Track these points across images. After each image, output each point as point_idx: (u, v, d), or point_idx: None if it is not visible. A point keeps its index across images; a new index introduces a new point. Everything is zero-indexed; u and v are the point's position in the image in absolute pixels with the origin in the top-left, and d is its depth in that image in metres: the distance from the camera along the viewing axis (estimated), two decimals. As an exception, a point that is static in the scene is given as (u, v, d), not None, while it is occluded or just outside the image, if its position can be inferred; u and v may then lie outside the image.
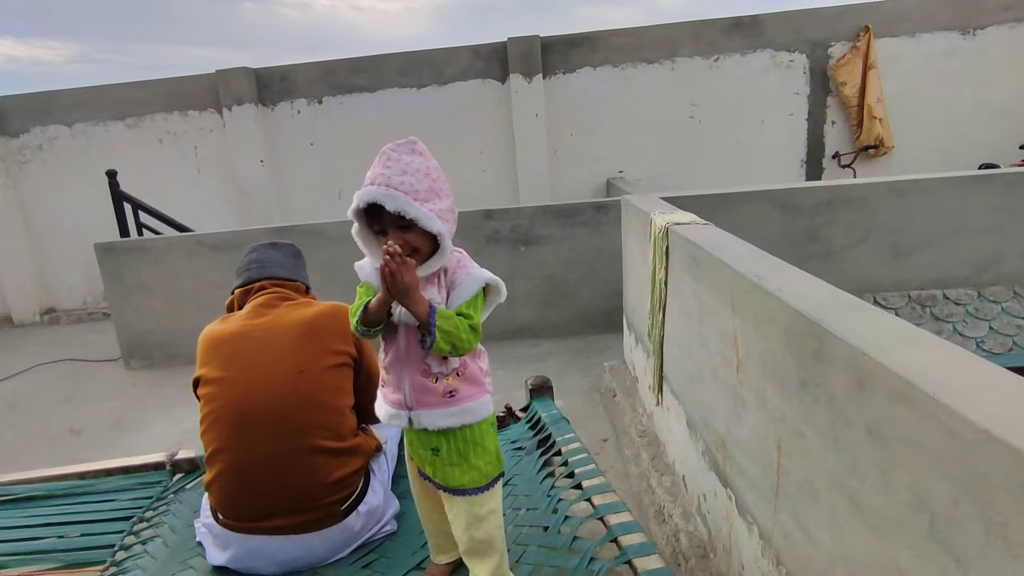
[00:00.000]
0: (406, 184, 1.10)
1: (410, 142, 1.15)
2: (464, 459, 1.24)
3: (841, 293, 1.20)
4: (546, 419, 1.83)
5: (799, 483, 1.17)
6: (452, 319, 1.14)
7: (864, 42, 5.08)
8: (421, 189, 1.11)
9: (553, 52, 5.50)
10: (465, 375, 1.24)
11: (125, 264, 4.01)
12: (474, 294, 1.19)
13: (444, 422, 1.21)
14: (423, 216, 1.10)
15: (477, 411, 1.24)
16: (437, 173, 1.16)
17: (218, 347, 1.56)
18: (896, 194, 2.81)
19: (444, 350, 1.14)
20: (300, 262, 1.79)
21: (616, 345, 3.72)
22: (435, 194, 1.14)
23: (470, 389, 1.25)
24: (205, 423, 1.50)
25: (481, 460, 1.25)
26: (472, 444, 1.24)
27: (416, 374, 1.21)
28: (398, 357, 1.23)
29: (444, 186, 1.17)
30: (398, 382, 1.24)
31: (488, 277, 1.21)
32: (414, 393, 1.22)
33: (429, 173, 1.14)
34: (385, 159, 1.13)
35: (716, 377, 1.64)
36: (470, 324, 1.17)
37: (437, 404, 1.21)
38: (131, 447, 3.08)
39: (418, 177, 1.12)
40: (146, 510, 1.71)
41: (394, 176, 1.10)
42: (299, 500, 1.46)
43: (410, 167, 1.12)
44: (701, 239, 1.80)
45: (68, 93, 5.69)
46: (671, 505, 2.05)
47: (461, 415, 1.22)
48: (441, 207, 1.14)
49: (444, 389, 1.21)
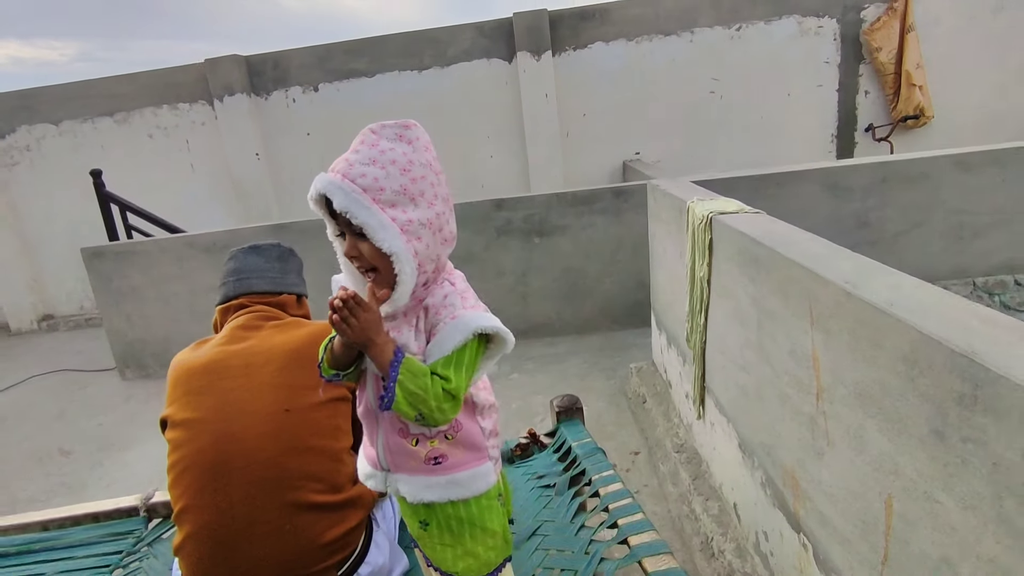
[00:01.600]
0: (367, 177, 0.83)
1: (401, 125, 0.87)
2: (458, 541, 0.98)
3: (980, 308, 0.91)
4: (577, 450, 1.56)
5: (928, 560, 0.89)
6: (421, 377, 0.86)
7: (902, 2, 4.67)
8: (388, 188, 0.83)
9: (562, 26, 5.14)
10: (457, 439, 0.96)
11: (115, 269, 3.77)
12: (457, 346, 0.88)
13: (425, 494, 0.95)
14: (375, 224, 0.81)
15: (470, 484, 0.97)
16: (423, 171, 0.86)
17: (187, 381, 1.30)
18: (962, 168, 2.48)
19: (407, 415, 0.87)
20: (290, 265, 1.51)
21: (641, 342, 3.43)
22: (409, 198, 0.84)
23: (463, 456, 0.97)
24: (172, 474, 1.25)
25: (480, 545, 0.99)
26: (468, 524, 0.98)
27: (392, 433, 0.95)
28: (369, 410, 0.99)
29: (429, 191, 0.87)
30: (372, 437, 1.00)
31: (482, 325, 0.89)
32: (389, 455, 0.97)
33: (409, 169, 0.85)
34: (359, 141, 0.86)
35: (783, 400, 1.36)
36: (445, 388, 0.87)
37: (417, 470, 0.95)
38: (122, 468, 2.87)
39: (390, 171, 0.84)
40: (114, 568, 1.47)
41: (357, 164, 0.84)
42: (286, 567, 1.20)
43: (383, 156, 0.84)
44: (758, 232, 1.50)
45: (53, 89, 5.43)
46: (721, 538, 1.78)
47: (448, 488, 0.95)
48: (412, 217, 0.84)
49: (427, 454, 0.95)
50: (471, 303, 0.93)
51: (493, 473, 1.01)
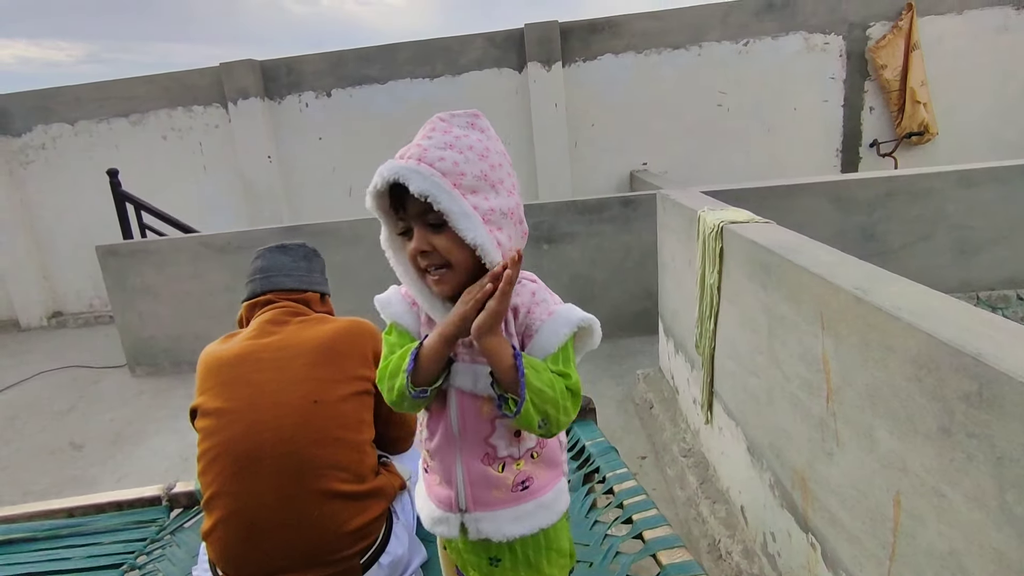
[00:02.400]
0: (446, 161, 0.75)
1: (470, 114, 0.81)
2: (536, 570, 0.91)
3: (984, 313, 0.96)
4: (591, 449, 1.60)
5: (935, 554, 0.93)
6: (544, 372, 0.78)
7: (907, 21, 4.76)
8: (468, 173, 0.76)
9: (573, 38, 5.22)
10: (542, 456, 0.90)
11: (128, 267, 3.83)
12: (563, 342, 0.81)
13: (514, 529, 0.86)
14: (457, 210, 0.74)
15: (555, 505, 0.90)
16: (500, 158, 0.81)
17: (218, 372, 1.35)
18: (966, 184, 2.54)
19: (532, 422, 0.77)
20: (315, 265, 1.56)
21: (648, 350, 3.48)
22: (490, 185, 0.78)
23: (547, 474, 0.90)
24: (203, 462, 1.29)
25: (555, 567, 0.93)
26: (546, 550, 0.91)
27: (475, 460, 0.86)
28: (449, 438, 0.87)
29: (507, 180, 0.81)
30: (447, 473, 0.89)
31: (582, 317, 0.84)
32: (471, 488, 0.86)
33: (487, 156, 0.79)
34: (429, 128, 0.80)
35: (794, 403, 1.41)
36: (567, 386, 0.80)
37: (503, 502, 0.86)
38: (134, 463, 2.91)
39: (468, 156, 0.77)
40: (138, 555, 1.51)
41: (433, 149, 0.76)
42: (312, 554, 1.24)
43: (460, 142, 0.78)
44: (769, 241, 1.56)
45: (70, 90, 5.51)
46: (728, 540, 1.82)
47: (537, 515, 0.88)
48: (493, 205, 0.77)
49: (515, 479, 0.87)
50: (557, 298, 0.88)
51: (567, 489, 0.95)
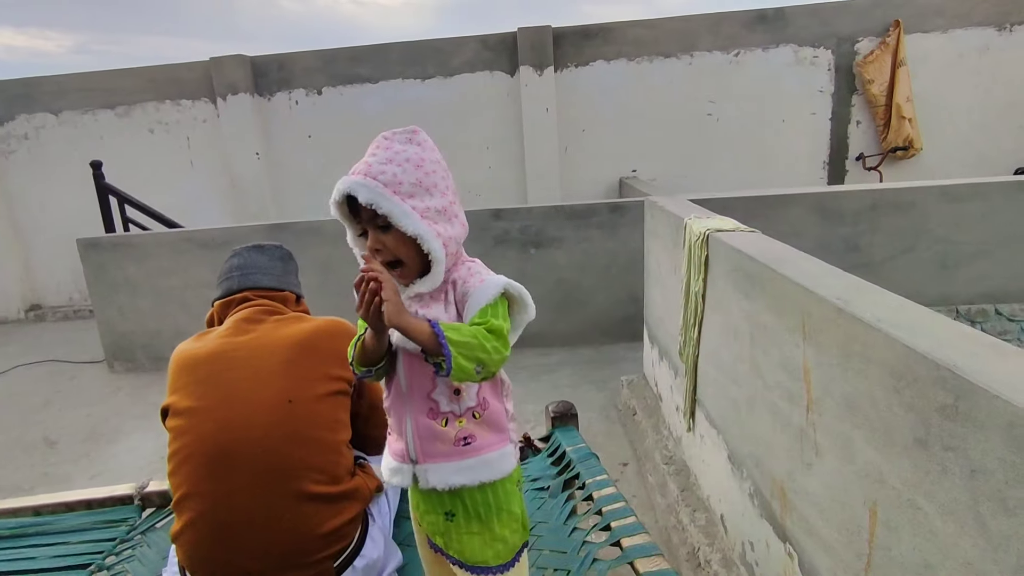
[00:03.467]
0: (387, 174, 0.92)
1: (409, 131, 0.98)
2: (486, 527, 1.01)
3: (962, 326, 0.96)
4: (572, 454, 1.59)
5: (909, 566, 0.93)
6: (464, 328, 0.91)
7: (894, 38, 4.83)
8: (405, 181, 0.93)
9: (565, 44, 5.24)
10: (484, 417, 1.01)
11: (110, 261, 3.76)
12: (490, 301, 0.95)
13: (456, 478, 0.98)
14: (398, 211, 0.90)
15: (498, 464, 1.01)
16: (434, 166, 0.97)
17: (191, 370, 1.32)
18: (948, 199, 2.57)
19: (468, 370, 0.89)
20: (290, 266, 1.54)
21: (632, 356, 3.48)
22: (424, 189, 0.94)
23: (490, 436, 1.01)
24: (173, 462, 1.26)
25: (507, 529, 1.02)
26: (496, 509, 1.01)
27: (420, 415, 0.99)
28: (399, 394, 1.02)
29: (441, 183, 0.97)
30: (400, 427, 1.03)
31: (507, 282, 0.97)
32: (419, 441, 1.00)
33: (422, 165, 0.95)
34: (374, 147, 0.97)
35: (774, 412, 1.41)
36: (487, 328, 0.92)
37: (447, 455, 0.99)
38: (108, 460, 2.85)
39: (405, 168, 0.93)
40: (107, 555, 1.47)
41: (376, 164, 0.93)
42: (285, 557, 1.22)
43: (398, 156, 0.94)
44: (754, 250, 1.56)
45: (55, 79, 5.42)
46: (708, 549, 1.81)
47: (478, 469, 0.99)
48: (428, 205, 0.94)
49: (456, 434, 0.99)
50: (493, 274, 1.01)
51: (514, 457, 1.04)
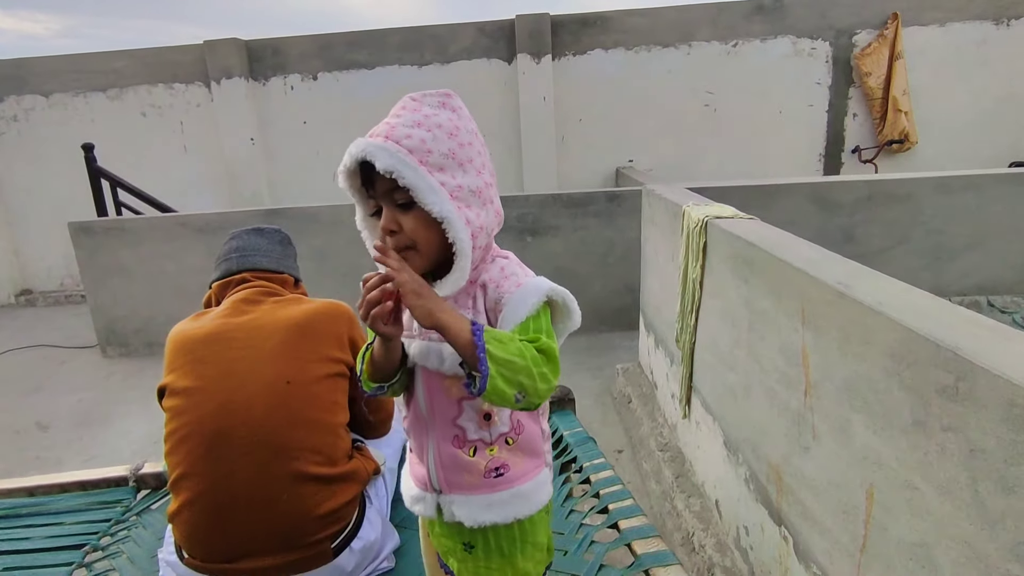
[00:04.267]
0: (414, 139, 0.74)
1: (442, 93, 0.79)
2: (508, 563, 0.88)
3: (962, 310, 0.97)
4: (569, 438, 1.60)
5: (905, 545, 0.94)
6: (510, 343, 0.73)
7: (892, 30, 4.83)
8: (436, 150, 0.74)
9: (564, 32, 5.20)
10: (518, 443, 0.86)
11: (102, 245, 3.72)
12: (531, 313, 0.78)
13: (487, 516, 0.83)
14: (423, 185, 0.72)
15: (534, 496, 0.86)
16: (470, 138, 0.79)
17: (189, 350, 1.31)
18: (943, 191, 2.58)
19: (507, 396, 0.72)
20: (289, 251, 1.54)
21: (627, 344, 3.49)
22: (457, 164, 0.76)
23: (524, 464, 0.86)
24: (170, 442, 1.26)
25: (530, 562, 0.90)
26: (521, 543, 0.87)
27: (445, 442, 0.84)
28: (419, 417, 0.87)
29: (477, 159, 0.79)
30: (421, 452, 0.88)
31: (550, 287, 0.80)
32: (442, 471, 0.85)
33: (456, 134, 0.77)
34: (399, 107, 0.78)
35: (771, 397, 1.42)
36: (538, 348, 0.75)
37: (476, 487, 0.84)
38: (101, 445, 2.84)
39: (436, 134, 0.75)
40: (102, 535, 1.47)
41: (400, 127, 0.75)
42: (282, 537, 1.22)
43: (428, 120, 0.76)
44: (753, 236, 1.56)
45: (46, 61, 5.34)
46: (702, 533, 1.83)
47: (512, 505, 0.84)
48: (461, 183, 0.76)
49: (487, 465, 0.84)
50: (530, 272, 0.85)
51: (550, 482, 0.92)
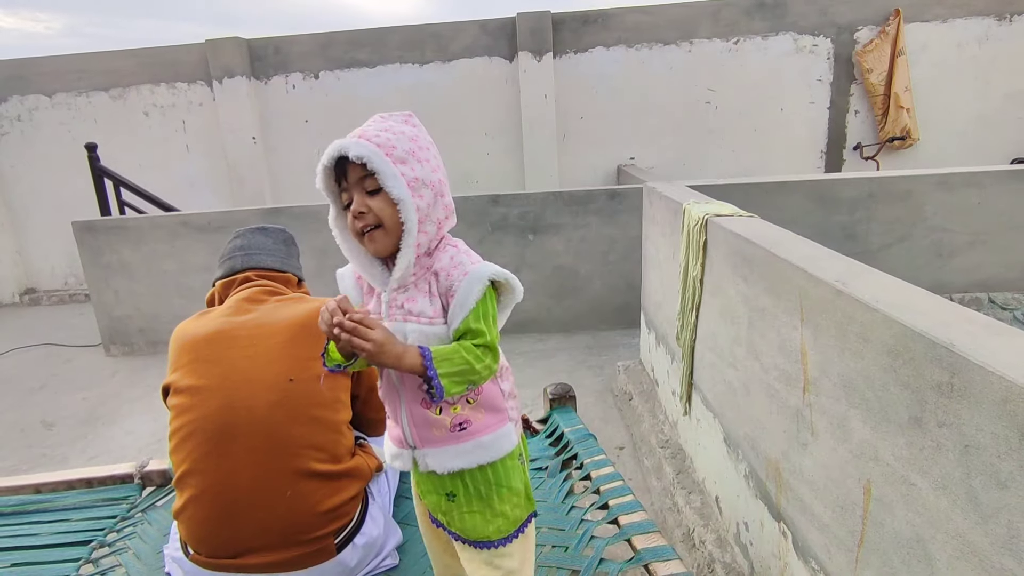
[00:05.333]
0: (381, 138, 0.92)
1: (404, 113, 0.99)
2: (487, 505, 1.02)
3: (958, 307, 0.97)
4: (570, 435, 1.61)
5: (901, 539, 0.95)
6: (454, 356, 0.91)
7: (894, 27, 4.82)
8: (399, 147, 0.92)
9: (565, 29, 5.20)
10: (479, 402, 1.01)
11: (105, 244, 3.74)
12: (479, 298, 0.93)
13: (455, 463, 0.99)
14: (388, 171, 0.90)
15: (496, 446, 1.01)
16: (427, 146, 0.97)
17: (193, 349, 1.33)
18: (944, 188, 2.58)
19: (460, 391, 0.93)
20: (292, 250, 1.55)
21: (628, 342, 3.50)
22: (416, 159, 0.94)
23: (486, 419, 1.01)
24: (175, 439, 1.27)
25: (507, 504, 1.03)
26: (496, 486, 1.02)
27: (415, 404, 0.99)
28: (391, 384, 1.01)
29: (433, 161, 0.96)
30: (396, 414, 1.03)
31: (492, 271, 0.95)
32: (415, 428, 1.00)
33: (416, 140, 0.95)
34: (369, 122, 0.97)
35: (771, 394, 1.42)
36: (480, 343, 0.92)
37: (444, 440, 0.99)
38: (106, 442, 2.86)
39: (399, 137, 0.93)
40: (108, 532, 1.48)
41: (371, 131, 0.93)
42: (286, 533, 1.23)
43: (393, 128, 0.94)
44: (753, 234, 1.57)
45: (49, 61, 5.35)
46: (702, 529, 1.84)
47: (476, 453, 0.99)
48: (417, 175, 0.93)
49: (452, 421, 0.99)
50: (476, 259, 0.99)
51: (514, 434, 1.05)
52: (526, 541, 1.07)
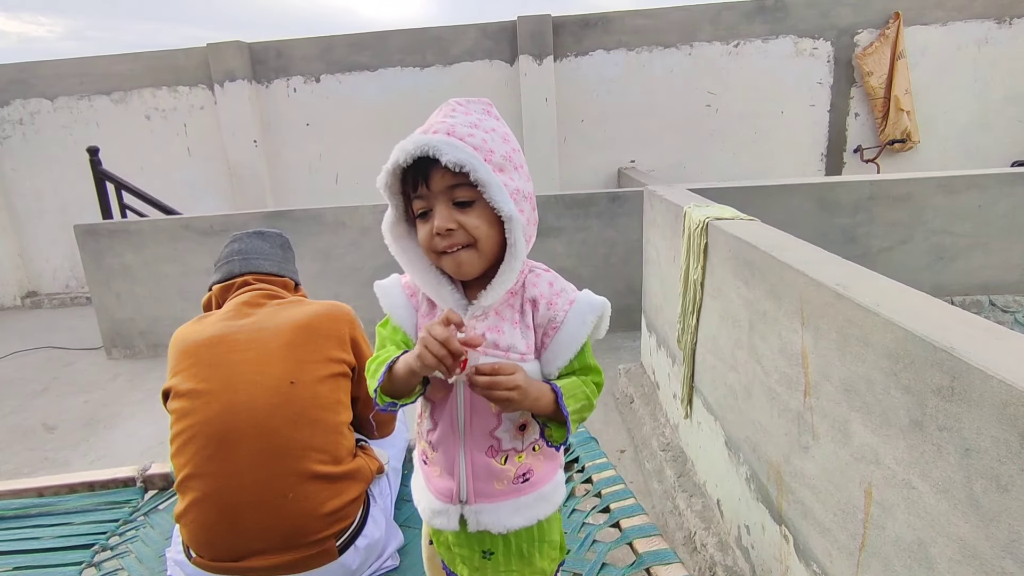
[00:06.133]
0: (475, 138, 0.75)
1: (485, 102, 0.81)
2: (527, 563, 0.90)
3: (958, 310, 0.98)
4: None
5: (902, 543, 0.95)
6: (579, 393, 0.81)
7: (894, 30, 4.83)
8: (496, 151, 0.76)
9: (565, 33, 5.22)
10: (543, 449, 0.89)
11: (107, 247, 3.75)
12: (590, 330, 0.82)
13: (514, 520, 0.85)
14: (493, 182, 0.73)
15: (555, 497, 0.90)
16: (517, 146, 0.82)
17: (193, 353, 1.33)
18: (945, 191, 2.59)
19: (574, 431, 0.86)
20: (289, 254, 1.56)
21: (629, 345, 3.50)
22: (513, 167, 0.78)
23: (546, 466, 0.90)
24: (176, 443, 1.28)
25: (547, 560, 0.92)
26: (539, 542, 0.90)
27: (479, 453, 0.85)
28: (453, 430, 0.85)
29: (524, 167, 0.82)
30: (450, 465, 0.87)
31: (603, 301, 0.84)
32: (473, 481, 0.85)
33: (508, 140, 0.79)
34: (449, 109, 0.79)
35: (772, 397, 1.43)
36: (596, 383, 0.84)
37: (504, 494, 0.86)
38: (108, 446, 2.86)
39: (492, 136, 0.77)
40: (111, 535, 1.48)
41: (459, 126, 0.75)
42: (288, 535, 1.23)
43: (483, 123, 0.78)
44: (754, 237, 1.57)
45: (51, 64, 5.37)
46: (704, 533, 1.84)
47: (536, 507, 0.87)
48: (518, 186, 0.77)
49: (516, 472, 0.86)
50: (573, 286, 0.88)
51: (564, 480, 0.95)
52: None
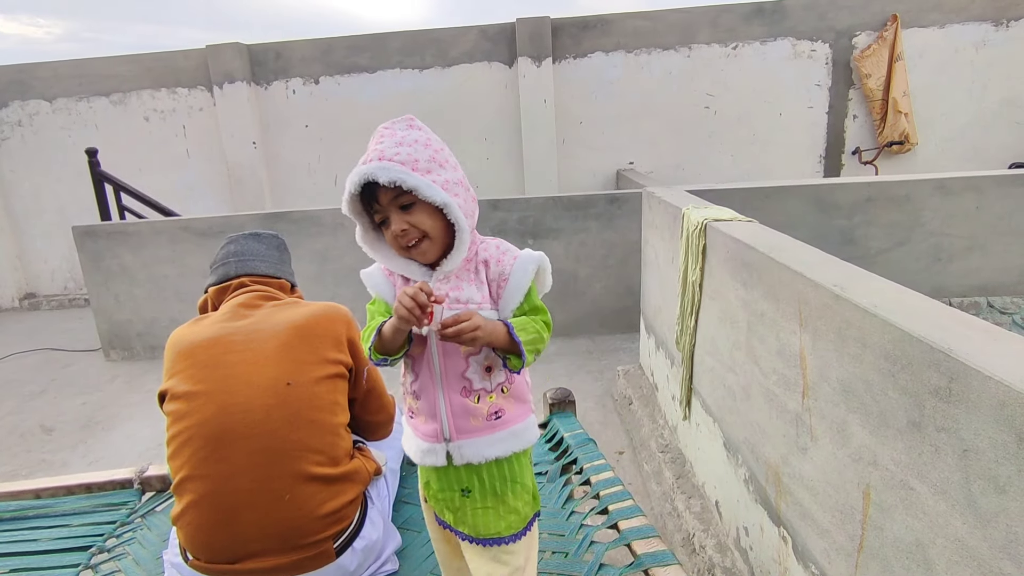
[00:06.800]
0: (402, 154, 0.95)
1: (406, 119, 1.01)
2: (501, 501, 1.04)
3: (956, 311, 0.98)
4: (569, 440, 1.61)
5: (901, 544, 0.95)
6: (529, 327, 0.98)
7: (891, 32, 4.84)
8: (420, 159, 0.96)
9: (564, 35, 5.22)
10: (511, 391, 1.05)
11: (106, 249, 3.75)
12: (532, 277, 1.01)
13: (491, 451, 1.02)
14: (423, 184, 0.93)
15: (525, 435, 1.06)
16: (439, 145, 1.01)
17: (189, 355, 1.32)
18: (943, 193, 2.59)
19: (530, 362, 0.99)
20: (285, 256, 1.56)
21: (628, 347, 3.50)
22: (438, 164, 0.97)
23: (516, 408, 1.06)
24: (173, 445, 1.27)
25: (520, 500, 1.06)
26: (511, 482, 1.05)
27: (455, 394, 1.02)
28: (431, 378, 1.03)
29: (450, 159, 1.01)
30: (432, 408, 1.04)
31: (540, 255, 1.03)
32: (453, 419, 1.02)
33: (430, 144, 0.99)
34: (379, 137, 0.99)
35: (770, 398, 1.43)
36: (544, 321, 1.01)
37: (481, 430, 1.02)
38: (106, 447, 2.85)
39: (416, 148, 0.96)
40: (108, 537, 1.48)
41: (388, 149, 0.95)
42: (285, 537, 1.23)
43: (406, 139, 0.97)
44: (752, 239, 1.57)
45: (49, 66, 5.37)
46: (702, 534, 1.84)
47: (509, 441, 1.03)
48: (446, 178, 0.97)
49: (488, 410, 1.03)
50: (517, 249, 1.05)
51: (536, 424, 1.09)
52: (531, 540, 1.09)
